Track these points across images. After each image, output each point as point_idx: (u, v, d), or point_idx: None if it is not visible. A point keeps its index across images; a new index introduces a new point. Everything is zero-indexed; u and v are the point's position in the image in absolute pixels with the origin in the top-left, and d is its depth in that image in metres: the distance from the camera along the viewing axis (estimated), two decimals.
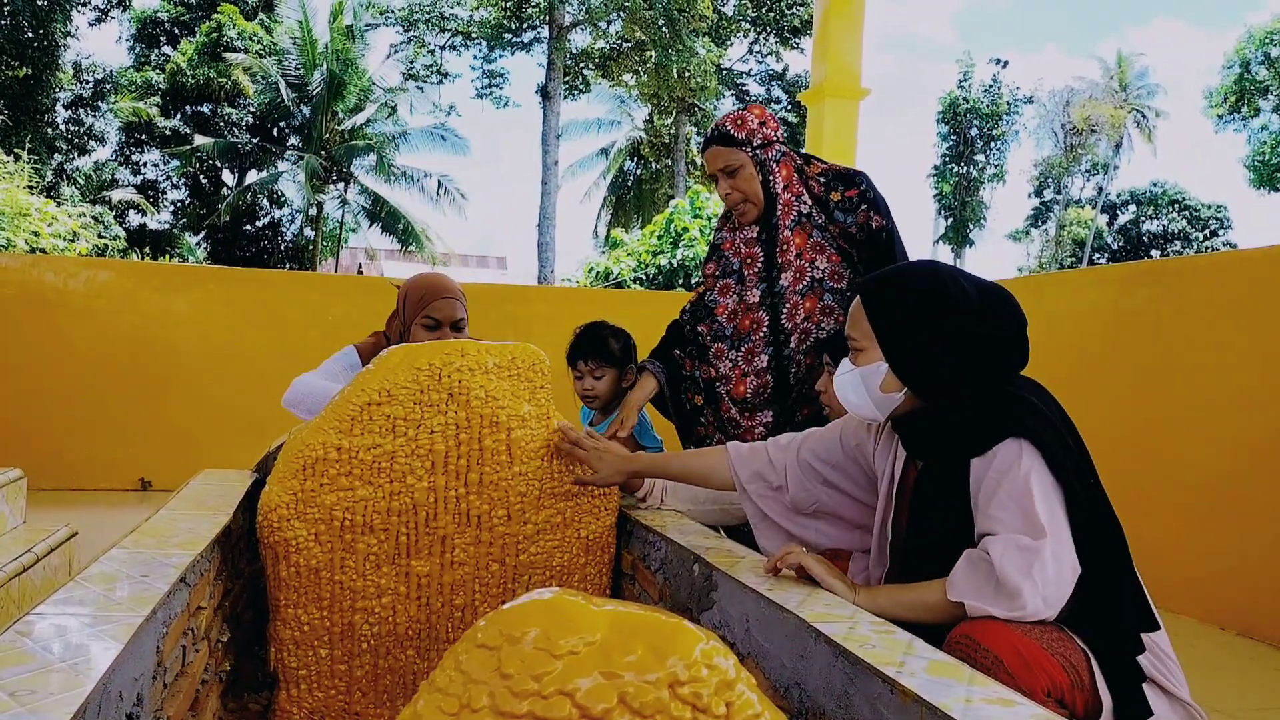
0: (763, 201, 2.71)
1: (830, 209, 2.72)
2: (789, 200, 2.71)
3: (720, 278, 2.86)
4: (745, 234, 2.78)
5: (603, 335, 3.09)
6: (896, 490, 1.89)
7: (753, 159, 2.67)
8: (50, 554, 3.06)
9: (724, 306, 2.83)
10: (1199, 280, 4.13)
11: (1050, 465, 1.59)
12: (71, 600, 1.44)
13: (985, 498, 1.62)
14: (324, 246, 26.37)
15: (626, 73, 26.66)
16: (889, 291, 1.79)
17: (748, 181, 2.68)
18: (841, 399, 1.86)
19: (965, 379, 1.71)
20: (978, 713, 1.16)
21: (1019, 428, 1.62)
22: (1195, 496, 3.85)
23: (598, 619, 0.85)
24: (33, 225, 11.83)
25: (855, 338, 1.83)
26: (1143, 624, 1.62)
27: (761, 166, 2.68)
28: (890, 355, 1.76)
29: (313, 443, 2.13)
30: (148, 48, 25.88)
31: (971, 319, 1.70)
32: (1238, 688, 3.06)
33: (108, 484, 5.89)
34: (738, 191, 2.70)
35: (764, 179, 2.68)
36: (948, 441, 1.73)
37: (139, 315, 6.09)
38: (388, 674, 2.25)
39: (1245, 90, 29.35)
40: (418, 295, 2.91)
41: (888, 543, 1.90)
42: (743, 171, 2.67)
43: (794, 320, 2.73)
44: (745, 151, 2.66)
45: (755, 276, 2.76)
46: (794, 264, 2.72)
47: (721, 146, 2.68)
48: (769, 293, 2.74)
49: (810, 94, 7.84)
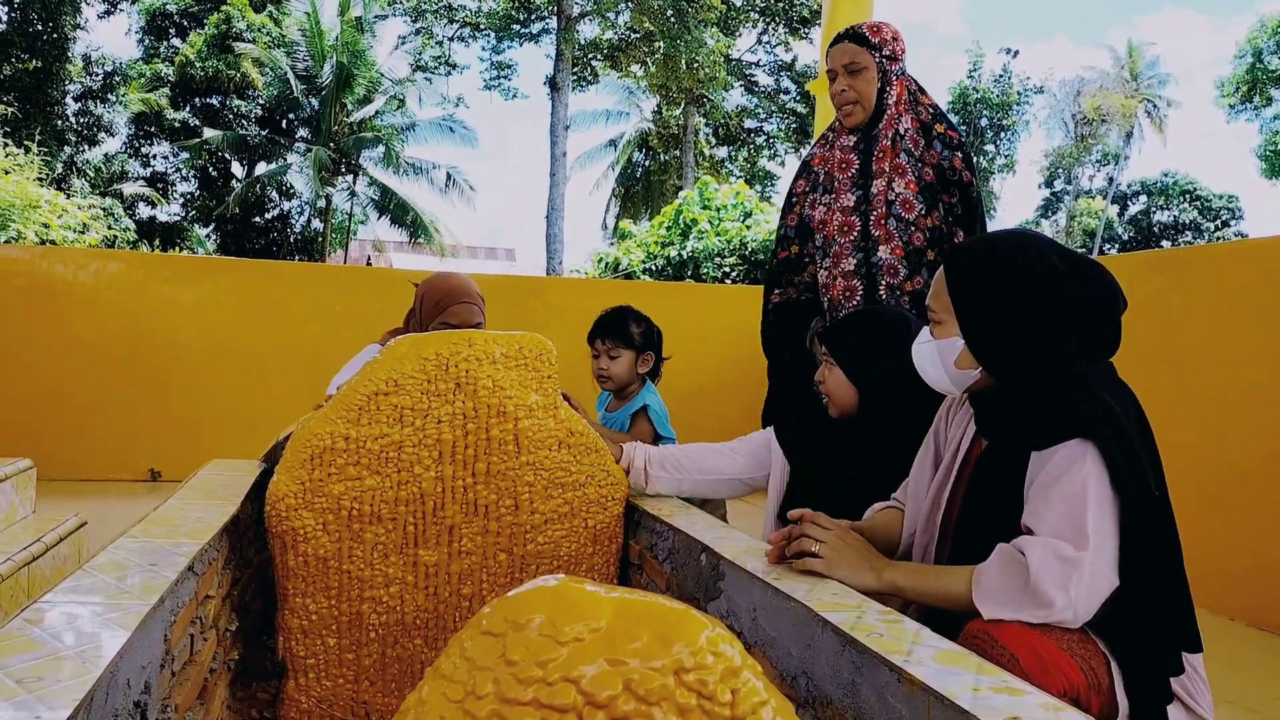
0: (872, 108, 2.75)
1: (932, 137, 2.76)
2: (893, 116, 2.74)
3: (809, 193, 2.92)
4: (842, 142, 2.83)
5: (625, 318, 3.14)
6: (961, 462, 1.82)
7: (878, 65, 2.72)
8: (60, 543, 3.07)
9: (817, 219, 2.87)
10: (1210, 270, 4.10)
11: (1111, 474, 1.51)
12: (80, 588, 1.45)
13: (1037, 492, 1.55)
14: (333, 238, 26.39)
15: (635, 64, 26.60)
16: (970, 264, 1.71)
17: (867, 84, 2.73)
18: (919, 369, 1.80)
19: (1044, 362, 1.63)
20: (985, 701, 1.15)
21: (1087, 430, 1.53)
22: (1206, 487, 3.83)
23: (603, 606, 0.85)
24: (43, 217, 11.88)
25: (934, 309, 1.75)
26: (1186, 645, 1.57)
27: (884, 75, 2.73)
28: (967, 332, 1.69)
29: (320, 432, 2.13)
30: (157, 40, 25.91)
31: (1057, 300, 1.62)
32: (1250, 678, 3.05)
33: (117, 474, 5.91)
34: (853, 90, 2.74)
35: (881, 87, 2.73)
36: (1014, 427, 1.66)
37: (148, 306, 6.10)
38: (395, 663, 2.25)
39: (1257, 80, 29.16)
40: (435, 298, 2.91)
41: (940, 512, 1.83)
42: (865, 74, 2.73)
43: (884, 229, 2.74)
44: (874, 55, 2.72)
45: (849, 181, 2.80)
46: (886, 173, 2.74)
47: (853, 44, 2.74)
48: (863, 199, 2.77)
49: (818, 83, 7.80)
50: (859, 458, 2.28)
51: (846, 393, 2.30)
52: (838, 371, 2.30)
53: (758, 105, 29.40)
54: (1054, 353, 1.62)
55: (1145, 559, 1.52)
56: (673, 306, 6.50)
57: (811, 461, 2.42)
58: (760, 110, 29.39)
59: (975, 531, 1.68)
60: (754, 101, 29.49)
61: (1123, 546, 1.51)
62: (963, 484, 1.81)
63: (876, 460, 2.19)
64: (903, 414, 2.14)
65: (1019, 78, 35.11)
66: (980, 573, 1.55)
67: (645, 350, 3.12)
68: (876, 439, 2.24)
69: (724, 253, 12.16)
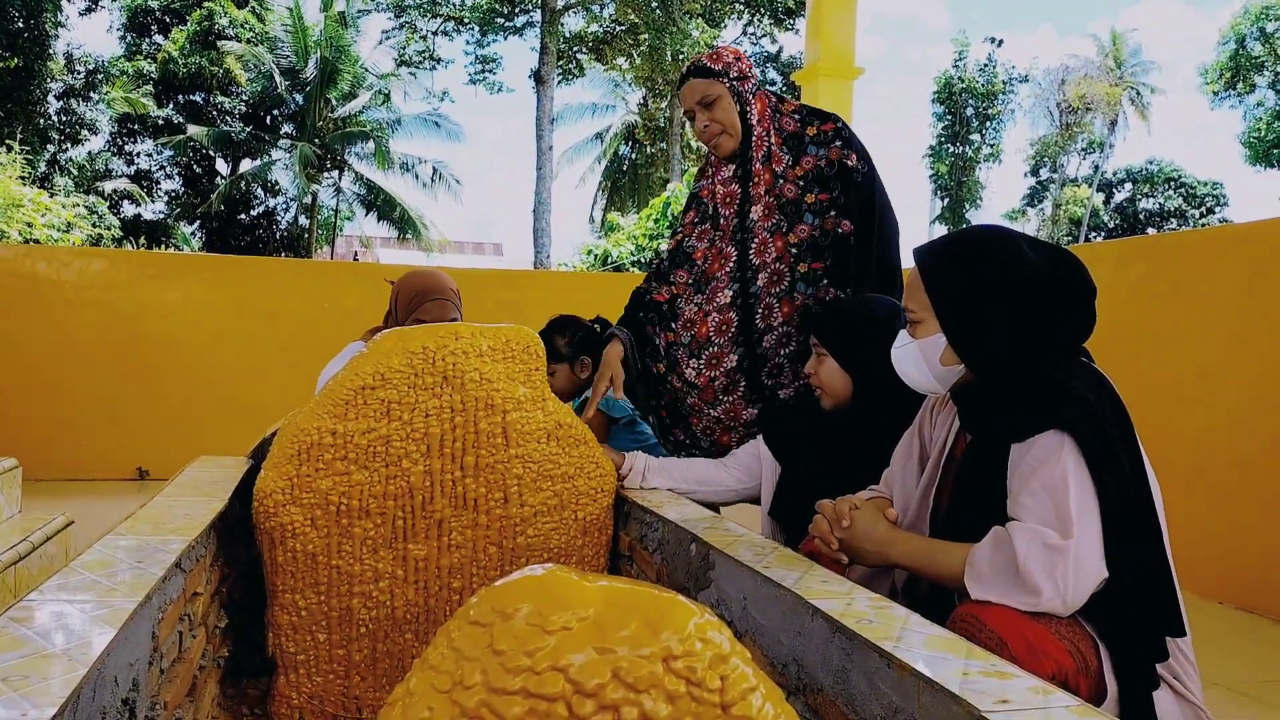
0: (740, 132, 2.69)
1: (805, 143, 2.71)
2: (760, 135, 2.70)
3: (698, 224, 2.85)
4: (722, 174, 2.77)
5: (549, 334, 3.07)
6: (946, 459, 1.84)
7: (729, 89, 2.67)
8: (46, 543, 3.06)
9: (700, 250, 2.81)
10: (1195, 255, 4.12)
11: (1090, 464, 1.53)
12: (66, 586, 1.44)
13: (1019, 483, 1.57)
14: (319, 235, 26.30)
15: (620, 56, 26.55)
16: (946, 260, 1.72)
17: (725, 112, 2.68)
18: (901, 373, 1.81)
19: (1025, 353, 1.64)
20: (975, 685, 1.16)
21: (1063, 421, 1.55)
22: (1192, 471, 3.85)
23: (590, 594, 0.85)
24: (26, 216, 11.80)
25: (913, 309, 1.76)
26: (1170, 630, 1.57)
27: (739, 97, 2.68)
28: (948, 327, 1.70)
29: (307, 428, 2.13)
30: (139, 37, 25.74)
31: (1034, 289, 1.63)
32: (1238, 661, 3.07)
33: (105, 474, 5.88)
34: (715, 123, 2.69)
35: (741, 110, 2.68)
36: (994, 421, 1.68)
37: (134, 304, 6.07)
38: (386, 658, 2.25)
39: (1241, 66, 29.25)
40: (409, 297, 2.89)
41: (928, 511, 1.85)
42: (720, 102, 2.67)
43: (763, 258, 2.69)
44: (722, 82, 2.67)
45: (732, 214, 2.75)
46: (763, 199, 2.69)
47: (699, 79, 2.69)
48: (740, 228, 2.72)
49: (804, 74, 7.82)
50: (854, 446, 2.29)
51: (840, 382, 2.30)
52: (830, 362, 2.31)
53: None
54: (1033, 342, 1.64)
55: (1126, 545, 1.53)
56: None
57: (801, 459, 2.44)
58: None
59: (963, 526, 1.70)
60: None
61: (1105, 534, 1.53)
62: (949, 480, 1.82)
63: (873, 447, 2.19)
64: (897, 400, 2.15)
65: (1004, 67, 35.17)
66: (974, 553, 1.58)
67: (579, 356, 3.09)
68: (872, 426, 2.25)
69: None
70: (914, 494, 1.91)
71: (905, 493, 1.94)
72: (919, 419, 1.98)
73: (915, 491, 1.90)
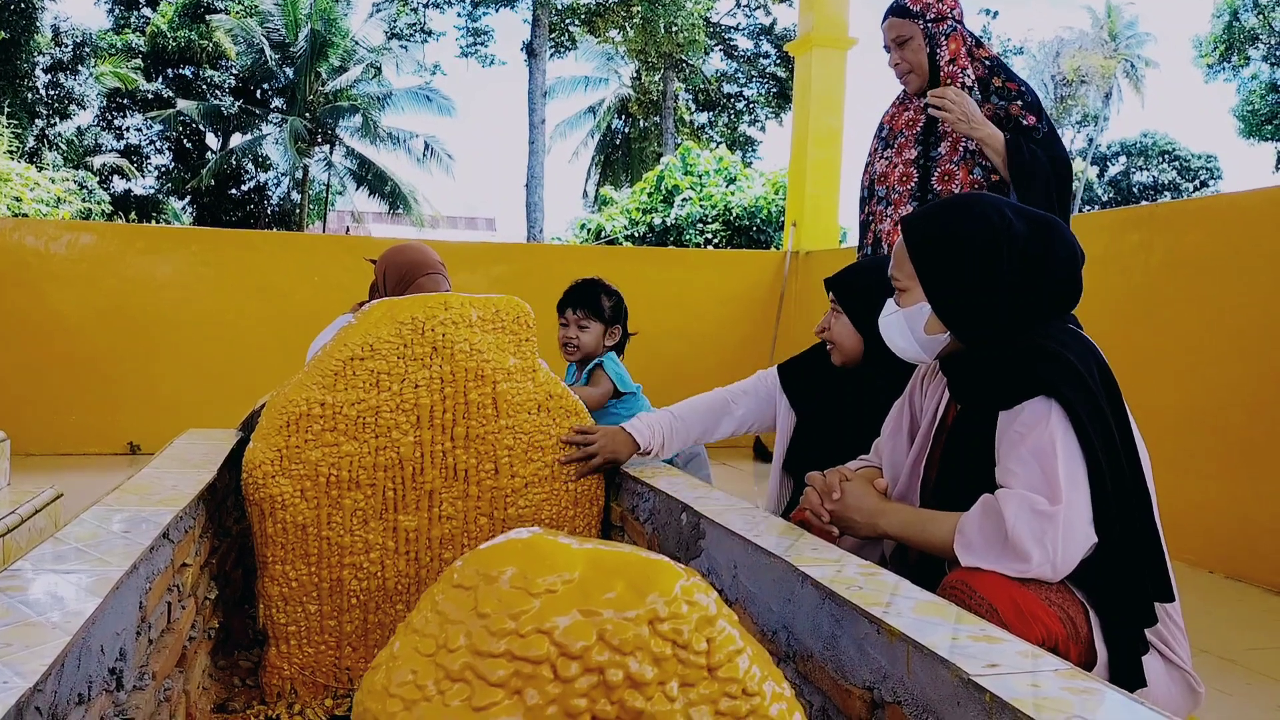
0: (927, 73, 2.79)
1: (990, 91, 2.78)
2: (951, 74, 2.77)
3: (880, 150, 2.97)
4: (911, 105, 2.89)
5: (596, 290, 3.12)
6: (936, 429, 1.84)
7: (923, 31, 2.77)
8: (35, 515, 3.05)
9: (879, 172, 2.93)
10: (1189, 225, 4.11)
11: (1078, 431, 1.52)
12: (53, 556, 1.43)
13: (1007, 450, 1.57)
14: (311, 210, 26.15)
15: (613, 28, 26.32)
16: (930, 228, 1.72)
17: (915, 53, 2.79)
18: (887, 341, 1.81)
19: (1011, 320, 1.64)
20: (964, 650, 1.16)
21: (1050, 388, 1.54)
22: (1185, 442, 3.86)
23: (576, 557, 0.84)
24: (14, 191, 11.72)
25: (898, 278, 1.76)
26: (1159, 595, 1.58)
27: (930, 39, 2.77)
28: (932, 296, 1.69)
29: (296, 399, 2.11)
30: (126, 9, 25.46)
31: (1018, 257, 1.63)
32: (1227, 629, 3.09)
33: (95, 448, 5.86)
34: (905, 62, 2.81)
35: (931, 51, 2.77)
36: (981, 388, 1.68)
37: (124, 278, 6.03)
38: (377, 629, 2.25)
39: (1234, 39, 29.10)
40: (400, 273, 2.85)
41: (918, 480, 1.85)
42: (911, 43, 2.78)
43: (947, 187, 2.76)
44: (917, 24, 2.77)
45: (912, 138, 2.85)
46: (950, 135, 2.77)
47: (896, 18, 2.80)
48: (924, 155, 2.82)
49: (797, 44, 7.75)
50: (864, 405, 2.28)
51: (852, 341, 2.29)
52: (844, 319, 2.30)
53: (737, 70, 29.16)
54: (1019, 310, 1.64)
55: (1114, 510, 1.53)
56: (654, 273, 6.48)
57: (817, 411, 2.43)
58: (740, 75, 29.16)
59: (953, 494, 1.70)
60: (734, 66, 29.25)
61: (1094, 499, 1.52)
62: (939, 449, 1.82)
63: (881, 408, 2.19)
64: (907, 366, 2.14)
65: (999, 39, 34.99)
66: (963, 521, 1.57)
67: (614, 324, 3.11)
68: (882, 386, 2.24)
69: (707, 218, 12.11)
70: (904, 464, 1.91)
71: (895, 463, 1.94)
72: (909, 389, 1.98)
73: (905, 461, 1.90)
